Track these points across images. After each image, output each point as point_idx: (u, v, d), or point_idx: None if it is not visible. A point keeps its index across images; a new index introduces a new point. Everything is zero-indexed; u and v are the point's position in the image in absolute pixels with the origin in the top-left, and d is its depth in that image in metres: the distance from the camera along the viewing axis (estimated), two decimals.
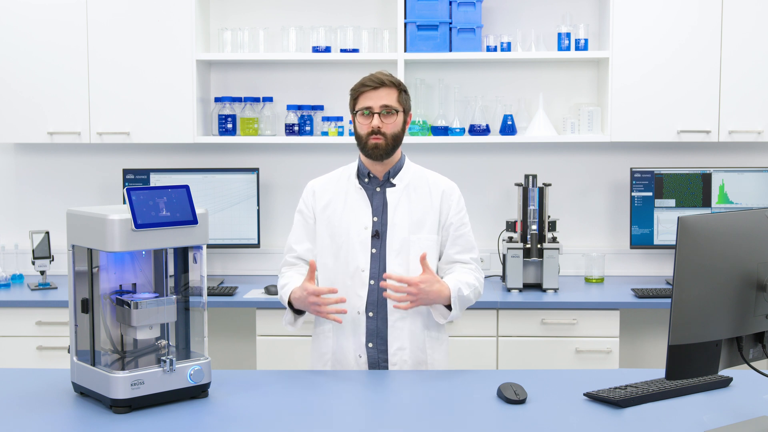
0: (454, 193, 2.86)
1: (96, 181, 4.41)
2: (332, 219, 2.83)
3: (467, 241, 2.85)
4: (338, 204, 2.83)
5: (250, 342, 4.25)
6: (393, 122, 2.77)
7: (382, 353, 2.78)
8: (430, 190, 2.84)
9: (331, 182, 2.89)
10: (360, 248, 2.78)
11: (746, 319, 2.05)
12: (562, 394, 2.42)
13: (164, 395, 2.31)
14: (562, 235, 4.24)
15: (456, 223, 2.84)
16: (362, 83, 2.79)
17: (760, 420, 2.17)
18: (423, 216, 2.81)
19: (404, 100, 2.81)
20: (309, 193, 2.89)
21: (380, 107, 2.75)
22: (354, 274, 2.79)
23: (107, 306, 2.39)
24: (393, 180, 2.83)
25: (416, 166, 2.90)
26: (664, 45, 4.01)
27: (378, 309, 2.79)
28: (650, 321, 4.31)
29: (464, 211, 2.88)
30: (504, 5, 4.31)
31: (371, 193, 2.83)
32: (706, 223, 2.00)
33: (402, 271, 2.76)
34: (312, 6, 4.34)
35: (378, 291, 2.78)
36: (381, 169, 2.83)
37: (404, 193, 2.82)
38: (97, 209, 2.31)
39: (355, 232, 2.79)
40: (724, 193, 4.15)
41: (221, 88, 4.37)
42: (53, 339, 3.84)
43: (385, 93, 2.76)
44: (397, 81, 2.81)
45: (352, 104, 2.83)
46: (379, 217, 2.81)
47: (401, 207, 2.80)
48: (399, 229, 2.79)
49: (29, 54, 4.08)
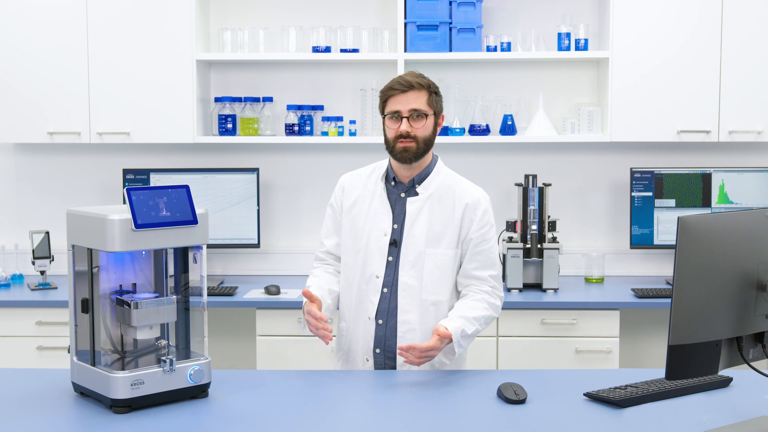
0: (479, 207, 2.75)
1: (96, 181, 4.41)
2: (356, 220, 2.79)
3: (487, 258, 2.75)
4: (364, 205, 2.79)
5: (250, 342, 4.25)
6: (423, 126, 2.68)
7: (389, 360, 2.77)
8: (455, 202, 2.74)
9: (361, 179, 2.83)
10: (378, 254, 2.74)
11: (746, 319, 2.04)
12: (562, 394, 2.41)
13: (164, 395, 2.31)
14: (562, 235, 4.24)
15: (476, 239, 2.73)
16: (390, 86, 2.69)
17: (760, 420, 2.17)
18: (443, 230, 2.73)
19: (435, 102, 2.71)
20: (339, 188, 2.85)
21: (409, 111, 2.66)
22: (369, 279, 2.76)
23: (107, 306, 2.39)
24: (417, 188, 2.74)
25: (447, 172, 2.81)
26: (664, 45, 4.02)
27: (387, 318, 2.75)
28: (650, 321, 4.31)
29: (489, 226, 2.76)
30: (504, 5, 4.31)
31: (395, 198, 2.76)
32: (706, 223, 2.00)
33: (414, 283, 2.72)
34: (312, 6, 4.34)
35: (389, 299, 2.75)
36: (407, 174, 2.74)
37: (426, 203, 2.73)
38: (97, 209, 2.31)
39: (375, 237, 2.75)
40: (724, 193, 4.15)
41: (221, 88, 4.37)
42: (53, 339, 3.84)
43: (414, 96, 2.67)
44: (427, 83, 2.71)
45: (381, 107, 2.73)
46: (399, 225, 2.75)
47: (421, 219, 2.73)
48: (416, 241, 2.72)
49: (29, 54, 4.08)
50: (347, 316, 2.83)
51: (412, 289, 2.73)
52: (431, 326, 2.71)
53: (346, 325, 2.83)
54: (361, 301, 2.77)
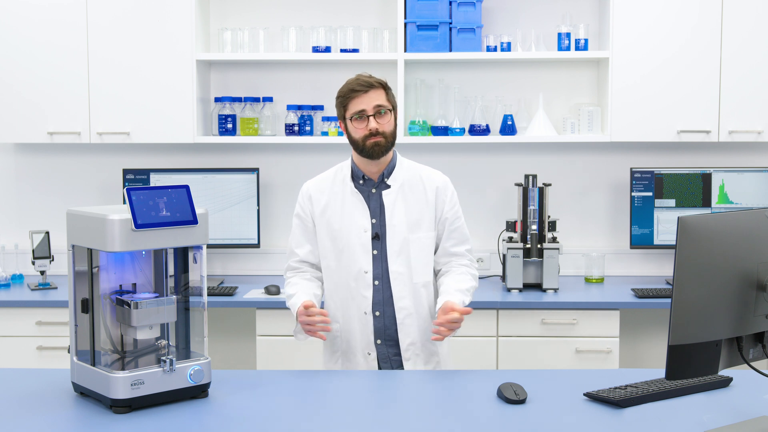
0: (448, 188, 2.89)
1: (96, 181, 4.41)
2: (332, 223, 2.85)
3: (461, 234, 2.90)
4: (336, 207, 2.85)
5: (250, 342, 4.25)
6: (388, 121, 2.79)
7: (392, 348, 2.84)
8: (425, 187, 2.86)
9: (326, 184, 2.90)
10: (361, 251, 2.82)
11: (746, 319, 2.04)
12: (562, 394, 2.41)
13: (164, 395, 2.31)
14: (562, 235, 4.24)
15: (451, 218, 2.88)
16: (351, 89, 2.78)
17: (760, 420, 2.17)
18: (420, 215, 2.84)
19: (392, 97, 2.83)
20: (305, 197, 2.91)
21: (374, 108, 2.76)
22: (357, 276, 2.82)
23: (107, 306, 2.39)
24: (387, 181, 2.84)
25: (408, 162, 2.92)
26: (664, 45, 4.01)
27: (384, 308, 2.83)
28: (650, 321, 4.31)
29: (458, 204, 2.91)
30: (504, 5, 4.31)
31: (367, 195, 2.85)
32: (706, 223, 2.00)
33: (404, 270, 2.82)
34: (312, 6, 4.34)
35: (383, 291, 2.83)
36: (375, 170, 2.84)
37: (399, 193, 2.84)
38: (97, 209, 2.31)
39: (355, 234, 2.82)
40: (724, 193, 4.15)
41: (221, 88, 4.37)
42: (53, 339, 3.84)
43: (375, 95, 2.78)
44: (383, 81, 2.83)
45: (341, 110, 2.82)
46: (377, 219, 2.84)
47: (398, 208, 2.83)
48: (398, 230, 2.82)
49: (29, 54, 4.08)
50: (338, 316, 2.87)
51: (403, 276, 2.82)
52: (425, 307, 2.84)
53: (339, 325, 2.87)
54: (353, 298, 2.83)
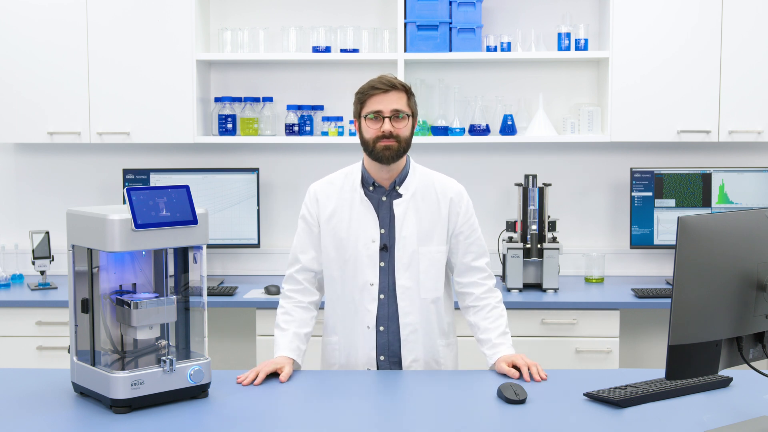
0: (463, 200, 2.76)
1: (96, 181, 4.41)
2: (338, 231, 2.72)
3: (479, 247, 2.78)
4: (344, 214, 2.72)
5: (250, 342, 4.25)
6: (404, 126, 2.65)
7: (395, 365, 2.75)
8: (438, 198, 2.74)
9: (334, 187, 2.76)
10: (368, 262, 2.70)
11: (746, 319, 2.04)
12: (562, 394, 2.41)
13: (164, 395, 2.31)
14: (562, 235, 4.24)
15: (466, 231, 2.75)
16: (372, 86, 2.64)
17: (760, 420, 2.17)
18: (432, 227, 2.72)
19: (413, 104, 2.70)
20: (312, 199, 2.77)
21: (391, 111, 2.63)
22: (363, 288, 2.71)
23: (107, 306, 2.39)
24: (399, 189, 2.71)
25: (422, 170, 2.78)
26: (664, 45, 4.01)
27: (389, 323, 2.73)
28: (650, 321, 4.31)
29: (473, 215, 2.78)
30: (504, 5, 4.31)
31: (377, 203, 2.72)
32: (706, 223, 2.00)
33: (411, 284, 2.71)
34: (312, 6, 4.34)
35: (388, 305, 2.72)
36: (387, 177, 2.71)
37: (411, 203, 2.71)
38: (97, 209, 2.31)
39: (363, 245, 2.70)
40: (724, 193, 4.15)
41: (221, 88, 4.37)
42: (53, 339, 3.83)
43: (396, 97, 2.64)
44: (407, 85, 2.69)
45: (358, 107, 2.69)
46: (386, 230, 2.72)
47: (409, 219, 2.70)
48: (408, 242, 2.70)
49: (29, 54, 4.08)
50: (339, 328, 2.78)
51: (410, 290, 2.71)
52: (432, 324, 2.74)
53: (339, 338, 2.78)
54: (356, 311, 2.72)
